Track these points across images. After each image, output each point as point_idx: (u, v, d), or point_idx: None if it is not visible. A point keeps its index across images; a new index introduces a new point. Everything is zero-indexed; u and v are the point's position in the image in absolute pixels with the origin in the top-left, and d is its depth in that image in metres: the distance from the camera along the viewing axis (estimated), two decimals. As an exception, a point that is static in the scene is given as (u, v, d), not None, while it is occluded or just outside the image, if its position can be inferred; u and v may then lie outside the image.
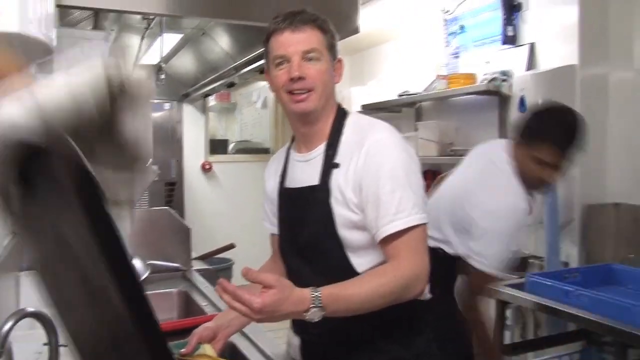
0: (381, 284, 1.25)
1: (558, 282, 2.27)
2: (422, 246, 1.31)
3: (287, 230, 1.49)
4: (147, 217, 2.64)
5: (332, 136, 1.41)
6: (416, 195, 1.31)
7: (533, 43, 3.04)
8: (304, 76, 1.34)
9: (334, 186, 1.36)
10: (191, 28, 3.63)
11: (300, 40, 1.34)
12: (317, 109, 1.38)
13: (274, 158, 1.61)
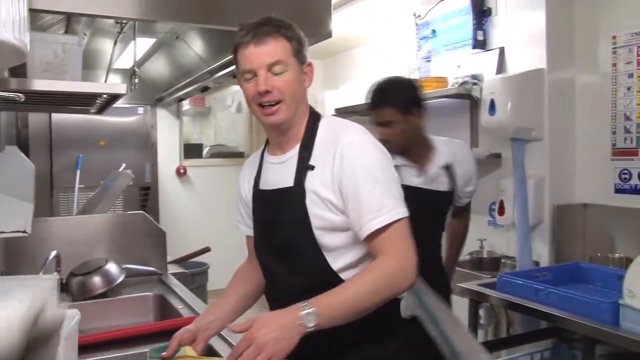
0: (370, 282, 1.28)
1: (528, 280, 2.33)
2: (406, 238, 1.34)
3: (262, 232, 1.51)
4: (122, 221, 2.63)
5: (305, 138, 1.43)
6: (394, 191, 1.35)
7: (502, 47, 3.10)
8: (270, 89, 1.36)
9: (309, 187, 1.38)
10: (164, 32, 3.62)
11: (264, 53, 1.35)
12: (287, 119, 1.40)
13: (248, 162, 1.62)
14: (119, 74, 4.66)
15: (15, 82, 1.62)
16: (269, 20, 1.39)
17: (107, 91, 1.84)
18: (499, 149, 3.12)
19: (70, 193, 4.63)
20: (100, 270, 2.38)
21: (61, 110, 3.08)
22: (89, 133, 4.82)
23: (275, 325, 1.18)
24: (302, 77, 1.43)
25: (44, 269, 2.14)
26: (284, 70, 1.37)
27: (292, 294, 1.35)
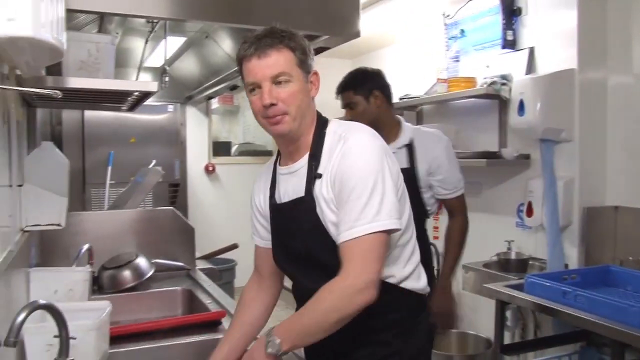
0: (324, 306, 1.31)
1: (556, 283, 2.30)
2: (371, 256, 1.31)
3: (280, 243, 1.52)
4: (152, 217, 2.68)
5: (314, 147, 1.44)
6: (384, 202, 1.32)
7: (532, 47, 3.07)
8: (275, 102, 1.36)
9: (318, 195, 1.39)
10: (194, 31, 3.67)
11: (268, 66, 1.35)
12: (293, 130, 1.40)
13: (261, 173, 1.63)
14: (150, 72, 4.74)
15: (51, 80, 1.67)
16: (271, 31, 1.39)
17: (139, 89, 1.88)
18: (527, 150, 3.09)
19: (101, 189, 4.74)
20: (131, 264, 2.43)
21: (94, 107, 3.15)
22: (120, 130, 4.92)
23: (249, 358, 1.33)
24: (308, 86, 1.42)
25: (77, 262, 2.20)
26: (288, 81, 1.36)
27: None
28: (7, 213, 1.46)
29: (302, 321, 1.33)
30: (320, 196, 1.39)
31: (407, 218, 1.48)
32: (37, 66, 1.39)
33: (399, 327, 1.46)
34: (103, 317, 1.54)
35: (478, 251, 3.30)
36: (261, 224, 1.58)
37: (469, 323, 3.56)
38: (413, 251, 1.51)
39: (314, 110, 1.48)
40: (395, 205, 1.35)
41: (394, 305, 1.44)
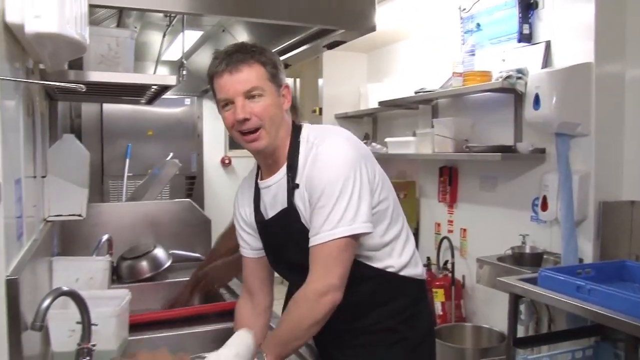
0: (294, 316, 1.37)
1: (570, 277, 2.30)
2: (337, 259, 1.35)
3: (273, 254, 1.56)
4: (170, 209, 2.73)
5: (290, 157, 1.45)
6: (348, 208, 1.34)
7: (549, 41, 3.06)
8: (248, 117, 1.37)
9: (299, 205, 1.42)
10: (211, 25, 3.70)
11: (239, 81, 1.36)
12: (269, 144, 1.41)
13: (241, 187, 1.64)
14: (167, 65, 4.78)
15: (73, 74, 1.71)
16: (242, 46, 1.41)
17: (157, 82, 1.92)
18: (543, 144, 3.08)
19: (119, 181, 4.81)
20: (149, 255, 2.48)
21: (114, 100, 3.21)
22: (138, 123, 4.98)
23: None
24: (280, 100, 1.43)
25: (97, 251, 2.25)
26: (261, 95, 1.38)
27: None
28: (32, 203, 1.51)
29: (279, 332, 1.38)
30: (300, 205, 1.41)
31: (392, 210, 1.51)
32: (61, 61, 1.43)
33: (403, 313, 1.51)
34: (123, 304, 1.59)
35: (492, 245, 3.31)
36: (249, 234, 1.60)
37: (482, 316, 3.57)
38: (407, 240, 1.55)
39: (289, 122, 1.49)
40: (364, 209, 1.36)
41: (396, 293, 1.50)
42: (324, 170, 1.37)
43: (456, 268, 3.70)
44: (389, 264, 1.48)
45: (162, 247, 2.54)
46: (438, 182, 3.94)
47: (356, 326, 1.48)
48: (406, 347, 1.50)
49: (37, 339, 1.30)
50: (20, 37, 1.08)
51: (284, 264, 1.55)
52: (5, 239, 1.03)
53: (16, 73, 1.18)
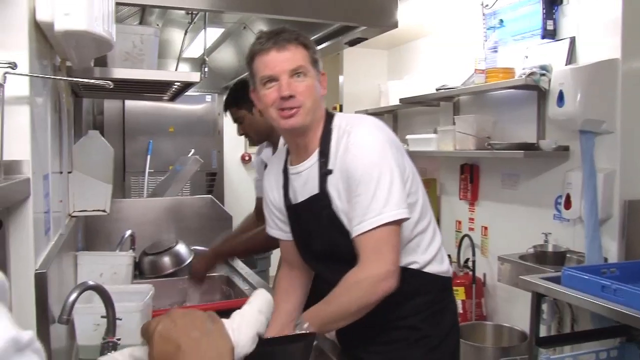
0: (341, 293, 1.36)
1: (595, 276, 2.27)
2: (386, 247, 1.35)
3: (301, 242, 1.57)
4: (191, 205, 2.75)
5: (322, 143, 1.46)
6: (390, 193, 1.35)
7: (573, 37, 3.01)
8: (293, 94, 1.38)
9: (332, 192, 1.42)
10: (232, 22, 3.72)
11: (286, 59, 1.38)
12: (305, 124, 1.43)
13: (269, 171, 1.65)
14: (188, 62, 4.81)
15: (98, 71, 1.73)
16: (286, 29, 1.42)
17: (181, 79, 1.93)
18: (566, 141, 3.04)
19: (140, 177, 4.85)
20: (171, 250, 2.50)
21: (137, 97, 3.23)
22: (159, 120, 5.02)
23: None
24: (318, 85, 1.45)
25: (120, 247, 2.28)
26: (305, 74, 1.40)
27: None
28: (58, 199, 1.53)
29: (328, 309, 1.37)
30: (333, 192, 1.42)
31: (421, 205, 1.50)
32: (87, 58, 1.45)
33: (426, 310, 1.50)
34: (147, 299, 1.60)
35: (514, 243, 3.28)
36: (279, 219, 1.61)
37: (503, 315, 3.55)
38: (433, 236, 1.54)
39: (323, 108, 1.50)
40: (402, 195, 1.37)
41: (419, 290, 1.49)
42: (359, 157, 1.37)
43: (477, 266, 3.67)
44: (413, 259, 1.47)
45: (184, 243, 2.56)
46: (459, 180, 3.91)
47: (378, 322, 1.48)
48: (428, 345, 1.49)
49: (64, 332, 1.32)
50: (49, 35, 1.09)
51: (311, 254, 1.55)
52: (34, 233, 1.05)
53: (44, 70, 1.20)
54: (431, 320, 1.50)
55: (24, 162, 1.03)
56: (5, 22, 1.01)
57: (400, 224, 1.38)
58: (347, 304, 1.36)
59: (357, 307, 1.35)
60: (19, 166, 1.03)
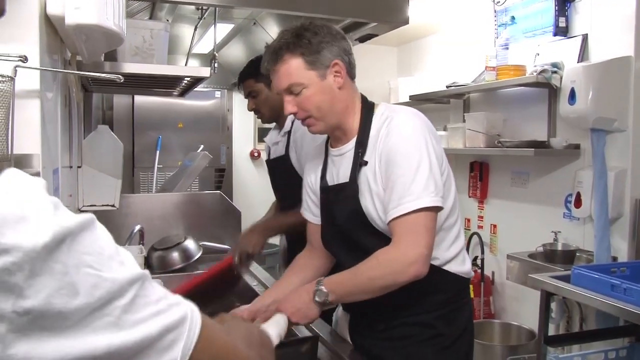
0: (375, 268, 1.34)
1: (605, 275, 2.25)
2: (423, 230, 1.34)
3: (327, 224, 1.56)
4: (200, 200, 2.75)
5: (361, 132, 1.47)
6: (429, 179, 1.34)
7: (586, 34, 2.99)
8: (295, 110, 1.43)
9: (363, 183, 1.42)
10: (242, 18, 3.72)
11: (280, 78, 1.42)
12: (324, 128, 1.47)
13: (313, 152, 1.68)
14: (197, 58, 4.82)
15: (108, 65, 1.73)
16: (280, 39, 1.42)
17: (191, 74, 1.93)
18: (577, 139, 3.02)
19: (149, 172, 4.87)
20: (179, 246, 2.51)
21: (147, 92, 3.25)
22: (169, 115, 5.03)
23: (295, 301, 1.35)
24: (327, 81, 1.43)
25: (129, 241, 2.29)
26: (301, 88, 1.41)
27: None
28: (68, 193, 1.53)
29: (353, 280, 1.37)
30: (364, 183, 1.41)
31: (453, 201, 1.49)
32: (98, 52, 1.45)
33: (441, 309, 1.48)
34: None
35: (523, 241, 3.26)
36: (312, 201, 1.62)
37: (512, 313, 3.53)
38: (457, 235, 1.53)
39: (349, 97, 1.48)
40: (440, 184, 1.37)
41: (436, 287, 1.47)
42: (401, 141, 1.37)
43: (486, 264, 3.65)
44: (434, 255, 1.44)
45: (193, 239, 2.56)
46: (469, 177, 3.89)
47: (391, 317, 1.48)
48: (440, 344, 1.47)
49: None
50: (60, 29, 1.10)
51: (332, 237, 1.54)
52: (44, 227, 1.05)
53: (55, 64, 1.20)
54: (445, 319, 1.48)
55: (34, 155, 1.04)
56: (16, 15, 1.01)
57: (436, 211, 1.37)
58: (375, 279, 1.34)
59: (384, 284, 1.34)
60: (29, 160, 1.03)
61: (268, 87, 2.23)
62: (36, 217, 0.47)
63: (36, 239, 0.46)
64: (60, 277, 0.47)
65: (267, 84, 2.22)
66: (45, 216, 0.48)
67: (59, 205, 0.50)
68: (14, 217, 0.46)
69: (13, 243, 0.44)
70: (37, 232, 0.46)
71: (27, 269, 0.44)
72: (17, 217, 0.46)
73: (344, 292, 1.36)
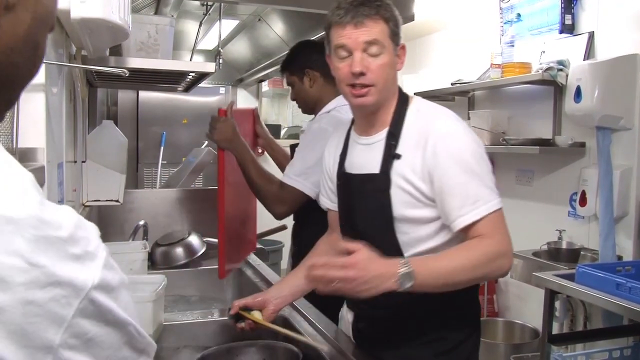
0: (471, 258, 1.29)
1: (609, 274, 2.24)
2: (504, 227, 1.33)
3: (345, 213, 1.52)
4: (204, 196, 2.75)
5: (394, 124, 1.41)
6: (489, 182, 1.33)
7: (592, 32, 2.97)
8: (365, 71, 1.33)
9: (395, 176, 1.36)
10: (247, 14, 3.72)
11: (362, 33, 1.33)
12: (376, 102, 1.38)
13: (332, 138, 1.62)
14: (201, 54, 4.82)
15: (113, 60, 1.73)
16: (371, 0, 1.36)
17: (196, 69, 1.93)
18: (583, 137, 3.01)
19: (153, 168, 4.87)
20: (183, 241, 2.50)
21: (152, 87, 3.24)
22: (173, 111, 5.04)
23: (374, 272, 1.19)
24: (396, 59, 1.40)
25: (133, 237, 2.29)
26: (380, 52, 1.34)
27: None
28: (72, 187, 1.53)
29: (444, 264, 1.30)
30: (399, 178, 1.36)
31: None
32: (103, 47, 1.44)
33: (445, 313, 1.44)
34: (159, 290, 1.60)
35: (528, 240, 3.24)
36: (329, 188, 1.59)
37: (515, 312, 3.52)
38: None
39: (397, 84, 1.46)
40: (494, 183, 1.36)
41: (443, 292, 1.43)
42: (461, 144, 1.34)
43: (489, 262, 3.64)
44: None
45: (197, 234, 2.56)
46: (472, 175, 3.88)
47: (394, 318, 1.45)
48: (441, 347, 1.44)
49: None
50: (65, 23, 1.09)
51: (352, 230, 1.49)
52: (49, 221, 1.05)
53: (60, 58, 1.20)
54: (449, 323, 1.45)
55: (39, 149, 1.03)
56: (22, 9, 1.01)
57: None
58: (468, 265, 1.28)
59: (475, 275, 1.30)
60: (33, 154, 1.03)
61: (300, 80, 2.22)
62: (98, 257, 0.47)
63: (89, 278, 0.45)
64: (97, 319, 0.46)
65: (300, 76, 2.21)
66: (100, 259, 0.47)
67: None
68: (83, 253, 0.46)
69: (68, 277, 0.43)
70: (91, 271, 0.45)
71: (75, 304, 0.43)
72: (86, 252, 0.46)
73: (431, 282, 1.26)
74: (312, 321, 1.68)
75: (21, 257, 0.39)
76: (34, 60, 0.57)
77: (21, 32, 0.54)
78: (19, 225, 0.40)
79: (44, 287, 0.40)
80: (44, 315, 0.40)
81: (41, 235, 0.41)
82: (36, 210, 0.42)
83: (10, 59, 0.54)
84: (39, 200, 0.43)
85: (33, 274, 0.40)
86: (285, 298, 1.55)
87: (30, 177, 0.44)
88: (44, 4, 0.56)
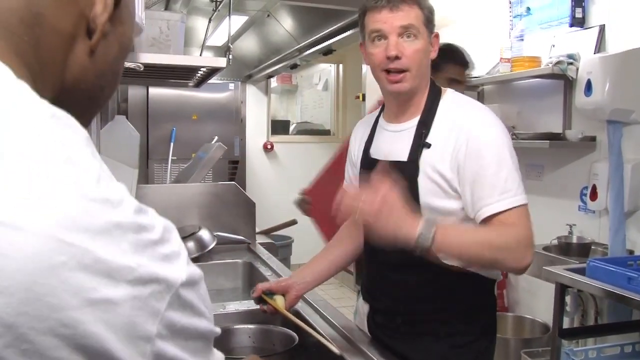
0: (491, 237, 1.29)
1: (621, 268, 2.24)
2: (529, 222, 1.32)
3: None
4: (215, 191, 2.76)
5: (425, 113, 1.41)
6: (517, 176, 1.34)
7: (603, 25, 2.96)
8: (400, 55, 1.34)
9: (424, 166, 1.36)
10: (256, 10, 3.73)
11: (398, 18, 1.34)
12: (411, 89, 1.39)
13: (361, 122, 1.63)
14: (211, 50, 4.84)
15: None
16: None
17: (208, 64, 1.94)
18: (593, 131, 3.00)
19: (164, 164, 4.90)
20: (194, 236, 2.52)
21: (163, 83, 3.27)
22: (183, 107, 5.06)
23: (398, 213, 1.19)
24: (429, 47, 1.41)
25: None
26: (416, 36, 1.36)
27: (389, 266, 1.42)
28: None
29: (469, 234, 1.31)
30: (427, 167, 1.36)
31: None
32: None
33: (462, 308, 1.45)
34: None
35: (538, 234, 3.20)
36: (352, 173, 1.60)
37: (525, 307, 3.52)
38: None
39: (429, 72, 1.46)
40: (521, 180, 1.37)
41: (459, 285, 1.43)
42: (493, 136, 1.35)
43: (499, 257, 3.64)
44: None
45: (207, 229, 2.58)
46: (482, 170, 3.87)
47: (410, 312, 1.45)
48: (457, 341, 1.43)
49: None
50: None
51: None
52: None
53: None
54: (465, 318, 1.45)
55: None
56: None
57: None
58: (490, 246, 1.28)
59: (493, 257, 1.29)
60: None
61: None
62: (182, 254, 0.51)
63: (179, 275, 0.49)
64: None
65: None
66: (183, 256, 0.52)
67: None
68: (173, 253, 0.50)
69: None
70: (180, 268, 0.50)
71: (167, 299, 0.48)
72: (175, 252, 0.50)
73: (450, 250, 1.26)
74: (325, 315, 1.69)
75: (129, 257, 0.45)
76: (114, 84, 0.64)
77: (110, 58, 0.59)
78: (125, 229, 0.46)
79: (146, 283, 0.46)
80: (145, 309, 0.45)
81: (140, 238, 0.47)
82: (134, 216, 0.48)
83: (99, 81, 0.59)
84: (136, 207, 0.49)
85: (137, 272, 0.45)
86: (307, 284, 1.56)
87: (124, 187, 0.50)
88: (128, 35, 0.62)
